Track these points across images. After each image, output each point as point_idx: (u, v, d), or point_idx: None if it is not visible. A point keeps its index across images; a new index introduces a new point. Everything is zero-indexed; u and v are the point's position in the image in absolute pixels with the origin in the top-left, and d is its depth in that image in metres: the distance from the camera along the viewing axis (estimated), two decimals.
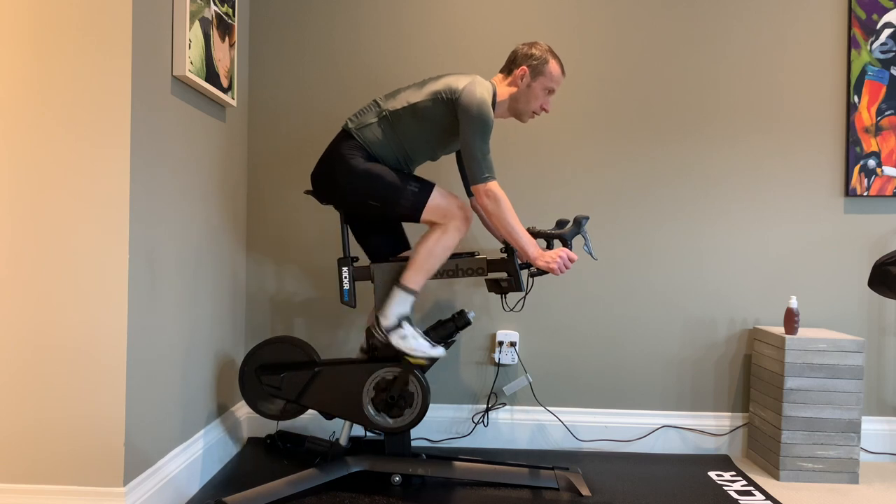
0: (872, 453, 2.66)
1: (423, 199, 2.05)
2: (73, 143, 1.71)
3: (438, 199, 2.07)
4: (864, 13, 2.63)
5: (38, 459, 1.73)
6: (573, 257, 2.07)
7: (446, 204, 2.07)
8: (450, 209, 2.07)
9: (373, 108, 2.13)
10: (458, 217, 2.07)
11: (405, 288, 2.08)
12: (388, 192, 2.05)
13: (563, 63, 2.20)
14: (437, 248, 2.07)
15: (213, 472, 2.30)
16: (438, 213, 2.07)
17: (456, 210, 2.08)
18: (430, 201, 2.06)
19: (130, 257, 1.73)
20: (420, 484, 2.23)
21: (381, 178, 2.05)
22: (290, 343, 2.26)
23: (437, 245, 2.06)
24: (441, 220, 2.07)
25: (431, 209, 2.06)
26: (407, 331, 2.09)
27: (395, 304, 2.09)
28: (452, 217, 2.07)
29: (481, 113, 1.99)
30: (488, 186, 2.01)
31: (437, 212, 2.07)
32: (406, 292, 2.08)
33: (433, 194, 2.07)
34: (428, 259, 2.07)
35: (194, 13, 2.01)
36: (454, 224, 2.07)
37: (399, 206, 2.05)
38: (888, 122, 2.64)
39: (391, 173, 2.07)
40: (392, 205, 2.06)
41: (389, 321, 2.09)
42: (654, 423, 2.68)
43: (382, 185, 2.05)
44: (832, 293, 2.68)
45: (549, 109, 2.23)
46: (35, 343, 1.72)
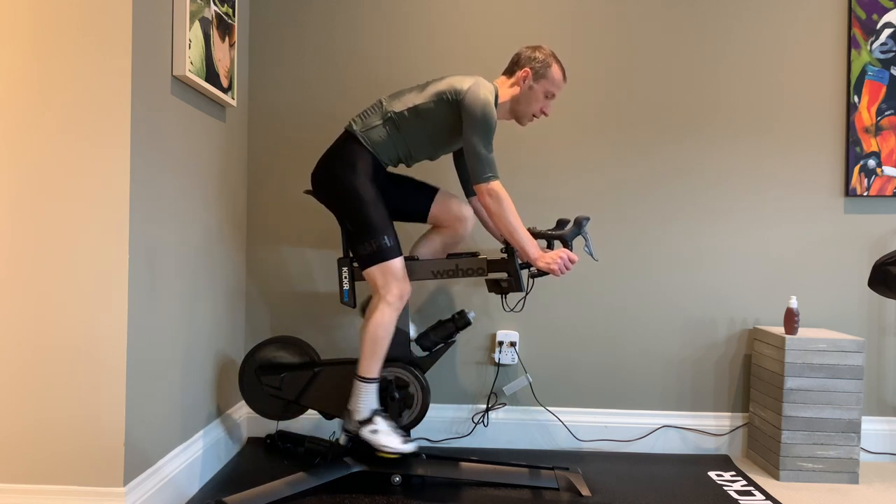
0: (872, 453, 2.66)
1: (383, 257, 2.04)
2: (73, 142, 1.70)
3: (394, 268, 2.05)
4: (864, 13, 2.63)
5: (38, 459, 1.73)
6: (574, 258, 2.07)
7: (393, 276, 2.05)
8: (395, 282, 2.05)
9: (377, 110, 2.13)
10: (392, 292, 2.05)
11: (364, 379, 2.08)
12: (362, 227, 2.05)
13: (564, 68, 2.20)
14: (379, 331, 2.05)
15: (213, 472, 2.30)
16: (384, 277, 2.05)
17: (400, 285, 2.06)
18: (386, 263, 2.04)
19: (130, 257, 1.73)
20: (420, 484, 2.23)
21: (366, 210, 2.04)
22: (290, 343, 2.26)
23: (378, 329, 2.05)
24: (380, 285, 2.05)
25: (382, 270, 2.05)
26: (379, 425, 2.07)
27: (361, 398, 2.09)
28: (389, 289, 2.05)
29: (485, 114, 1.99)
30: (491, 186, 2.01)
31: (384, 276, 2.05)
32: (366, 383, 2.08)
33: (393, 261, 2.05)
34: (375, 345, 2.06)
35: (194, 13, 2.01)
36: (388, 298, 2.05)
37: (361, 244, 2.05)
38: (888, 122, 2.64)
39: (379, 211, 2.05)
40: (357, 239, 2.06)
41: (361, 415, 2.08)
42: (654, 423, 2.68)
43: (363, 217, 2.04)
44: (832, 293, 2.68)
45: (548, 113, 2.23)
46: (35, 343, 1.71)
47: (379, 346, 2.07)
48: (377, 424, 2.07)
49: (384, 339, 2.07)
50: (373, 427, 2.07)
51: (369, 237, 2.04)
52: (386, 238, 2.05)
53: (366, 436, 2.07)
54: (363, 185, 2.06)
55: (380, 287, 2.06)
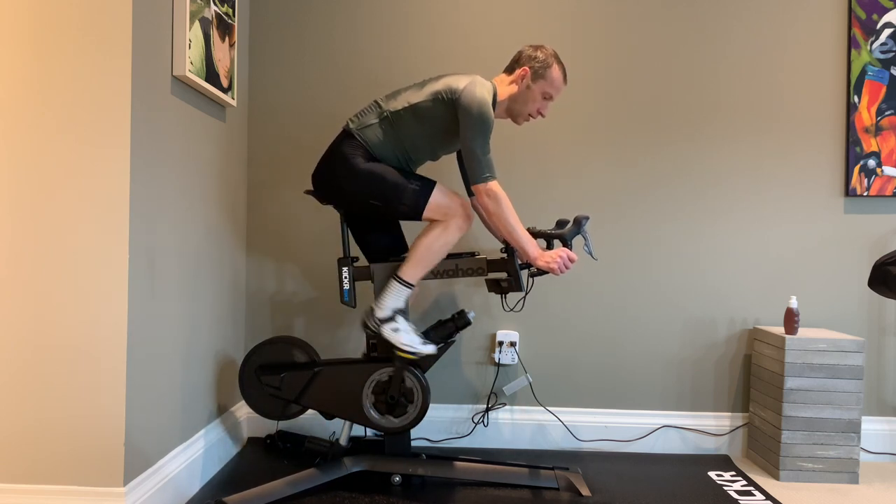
0: (872, 453, 2.66)
1: (424, 198, 2.05)
2: (73, 143, 1.70)
3: (440, 197, 2.07)
4: (864, 13, 2.63)
5: (38, 459, 1.73)
6: (573, 257, 2.07)
7: (448, 202, 2.07)
8: (451, 207, 2.07)
9: (374, 109, 2.13)
10: (459, 215, 2.07)
11: (402, 280, 2.08)
12: (389, 192, 2.05)
13: (566, 72, 2.19)
14: (436, 243, 2.06)
15: (213, 472, 2.30)
16: (440, 211, 2.07)
17: (458, 208, 2.07)
18: (431, 199, 2.06)
19: (130, 257, 1.73)
20: (420, 484, 2.23)
21: (383, 178, 2.05)
22: (290, 343, 2.26)
23: (437, 241, 2.06)
24: (442, 218, 2.07)
25: (433, 207, 2.06)
26: (400, 324, 2.08)
27: (390, 296, 2.09)
28: (454, 215, 2.07)
29: (482, 113, 1.99)
30: (489, 186, 2.01)
31: (439, 210, 2.06)
32: (402, 285, 2.08)
33: (434, 192, 2.06)
34: (427, 254, 2.07)
35: (194, 13, 2.01)
36: (455, 222, 2.07)
37: (401, 204, 2.05)
38: (888, 122, 2.64)
39: (393, 172, 2.07)
40: (394, 204, 2.05)
41: (384, 312, 2.08)
42: (654, 423, 2.68)
43: (384, 184, 2.05)
44: (832, 293, 2.68)
45: (545, 115, 2.22)
46: (35, 343, 1.71)
47: (432, 256, 2.07)
48: (398, 323, 2.08)
49: (438, 253, 2.08)
50: (394, 325, 2.08)
51: (400, 195, 2.04)
52: (411, 183, 2.05)
53: (387, 334, 2.07)
54: (364, 163, 2.07)
55: (443, 221, 2.07)
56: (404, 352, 2.09)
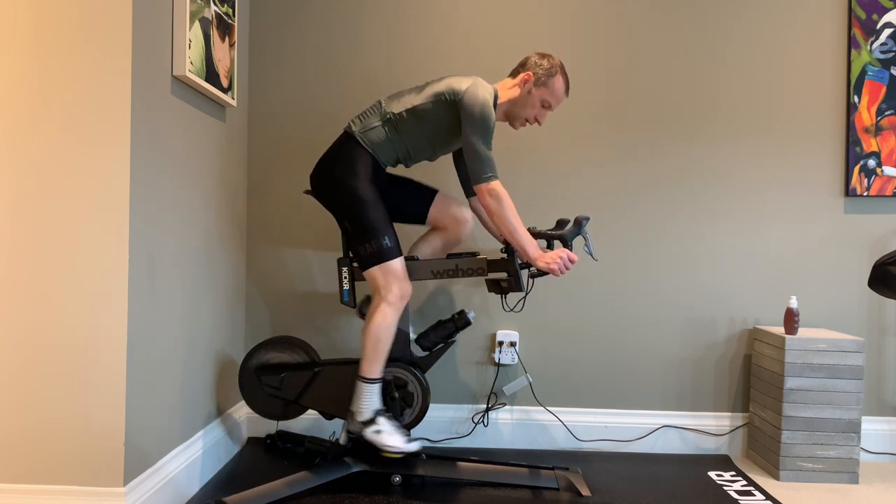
0: (872, 453, 2.66)
1: (384, 257, 2.04)
2: (73, 143, 1.70)
3: (397, 267, 2.06)
4: (864, 13, 2.63)
5: (38, 459, 1.73)
6: (573, 258, 2.07)
7: (397, 276, 2.06)
8: (396, 282, 2.05)
9: (376, 111, 2.13)
10: (394, 292, 2.05)
11: (365, 380, 2.08)
12: (362, 227, 2.04)
13: (569, 83, 2.19)
14: (380, 333, 2.05)
15: (213, 472, 2.30)
16: (385, 278, 2.05)
17: (402, 285, 2.06)
18: (387, 263, 2.04)
19: (130, 257, 1.73)
20: (420, 484, 2.23)
21: (365, 210, 2.04)
22: (290, 343, 2.26)
23: (379, 330, 2.05)
24: (381, 286, 2.05)
25: (384, 270, 2.04)
26: (382, 426, 2.07)
27: (364, 399, 2.08)
28: (390, 290, 2.05)
29: (483, 114, 1.99)
30: (491, 185, 2.01)
31: (385, 276, 2.05)
32: (369, 384, 2.08)
33: (395, 261, 2.06)
34: (377, 345, 2.06)
35: (194, 13, 2.01)
36: (389, 298, 2.05)
37: (362, 245, 2.05)
38: (888, 122, 2.64)
39: (379, 212, 2.05)
40: (358, 239, 2.05)
41: (364, 416, 2.08)
42: (654, 423, 2.68)
43: (363, 217, 2.04)
44: (832, 293, 2.68)
45: (542, 122, 2.22)
46: (35, 343, 1.71)
47: (381, 346, 2.07)
48: (380, 425, 2.07)
49: (386, 339, 2.07)
50: (376, 428, 2.06)
51: (369, 238, 2.04)
52: (386, 238, 2.05)
53: (369, 437, 2.07)
54: (362, 186, 2.06)
55: (381, 287, 2.06)
56: (389, 453, 2.10)
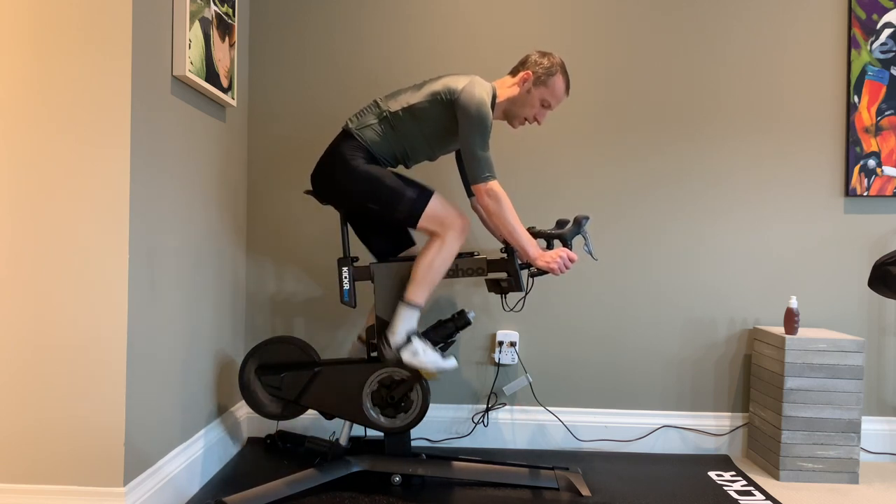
0: (872, 453, 2.66)
1: (420, 206, 2.04)
2: (73, 143, 1.70)
3: (437, 207, 2.06)
4: (864, 13, 2.63)
5: (38, 459, 1.73)
6: (573, 257, 2.07)
7: (444, 213, 2.06)
8: (447, 218, 2.06)
9: (373, 109, 2.13)
10: (455, 227, 2.06)
11: (409, 304, 2.08)
12: (386, 196, 2.04)
13: (569, 83, 2.19)
14: (436, 260, 2.05)
15: (213, 472, 2.30)
16: (436, 221, 2.05)
17: (454, 219, 2.06)
18: (427, 209, 2.05)
19: (130, 257, 1.73)
20: (420, 484, 2.23)
21: (382, 182, 2.04)
22: (290, 343, 2.26)
23: (436, 257, 2.05)
24: (438, 229, 2.06)
25: (429, 217, 2.05)
26: (417, 346, 2.07)
27: (401, 321, 2.08)
28: (450, 227, 2.05)
29: (480, 113, 1.99)
30: (489, 186, 2.01)
31: (435, 220, 2.05)
32: (411, 308, 2.08)
33: (431, 202, 2.05)
34: (429, 272, 2.06)
35: (194, 13, 2.01)
36: (451, 234, 2.05)
37: (397, 211, 2.05)
38: (888, 122, 2.64)
39: (392, 177, 2.06)
40: (390, 208, 2.05)
41: (398, 337, 2.08)
42: (654, 423, 2.68)
43: (382, 188, 2.04)
44: (832, 293, 2.68)
45: (541, 122, 2.22)
46: (35, 343, 1.72)
47: (433, 275, 2.06)
48: (415, 344, 2.07)
49: (440, 269, 2.06)
50: (411, 348, 2.07)
51: (397, 201, 2.04)
52: (410, 190, 2.04)
53: (407, 358, 2.07)
54: (366, 166, 2.06)
55: (439, 232, 2.06)
56: (428, 371, 2.10)
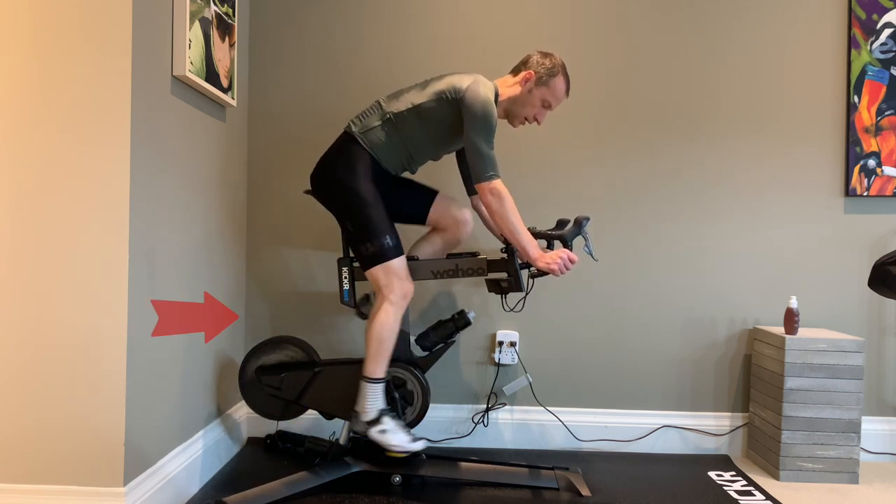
0: (872, 453, 2.66)
1: (385, 257, 2.04)
2: (73, 143, 1.70)
3: (398, 267, 2.05)
4: (864, 13, 2.63)
5: (38, 459, 1.73)
6: (574, 258, 2.07)
7: (400, 275, 2.06)
8: (398, 281, 2.05)
9: (376, 111, 2.13)
10: (400, 291, 2.05)
11: (369, 380, 2.08)
12: (363, 227, 2.04)
13: (570, 84, 2.19)
14: (383, 332, 2.05)
15: (213, 472, 2.30)
16: (388, 278, 2.05)
17: (404, 283, 2.06)
18: (389, 263, 2.04)
19: (130, 257, 1.73)
20: (420, 484, 2.23)
21: (367, 211, 2.04)
22: (290, 343, 2.26)
23: (382, 330, 2.05)
24: (382, 285, 2.05)
25: (386, 270, 2.04)
26: (387, 425, 2.07)
27: (368, 399, 2.08)
28: (396, 289, 2.05)
29: (485, 112, 1.99)
30: (493, 184, 2.01)
31: (388, 276, 2.05)
32: (373, 383, 2.08)
33: (396, 260, 2.05)
34: (380, 346, 2.06)
35: (194, 13, 2.01)
36: (391, 297, 2.05)
37: (363, 245, 2.05)
38: (888, 122, 2.64)
39: (379, 212, 2.05)
40: (359, 240, 2.05)
41: (369, 416, 2.08)
42: (655, 423, 2.68)
43: (364, 217, 2.04)
44: (832, 293, 2.68)
45: (541, 122, 2.22)
46: (35, 343, 1.71)
47: (384, 346, 2.06)
48: (385, 424, 2.07)
49: (389, 339, 2.07)
50: (381, 427, 2.06)
51: (370, 238, 2.04)
52: (387, 238, 2.04)
53: (375, 436, 2.07)
54: (363, 185, 2.06)
55: (383, 287, 2.06)
56: (394, 452, 2.11)
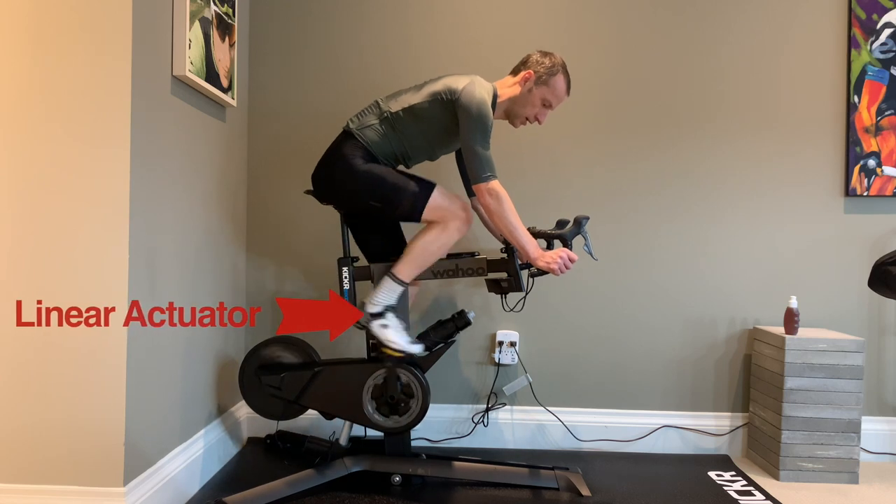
0: (872, 453, 2.65)
1: (423, 199, 2.04)
2: (74, 143, 1.70)
3: (440, 199, 2.06)
4: (864, 13, 2.63)
5: (38, 459, 1.73)
6: (573, 257, 2.07)
7: (448, 204, 2.06)
8: (451, 209, 2.06)
9: (374, 110, 2.13)
10: (459, 218, 2.06)
11: (395, 278, 2.08)
12: (388, 193, 2.04)
13: (570, 83, 2.20)
14: (434, 244, 2.06)
15: (213, 472, 2.30)
16: (439, 213, 2.06)
17: (458, 210, 2.07)
18: (430, 201, 2.05)
19: (130, 257, 1.73)
20: (420, 484, 2.23)
21: (383, 179, 2.05)
22: (290, 343, 2.26)
23: (434, 241, 2.06)
24: (441, 221, 2.06)
25: (432, 209, 2.05)
26: (390, 321, 2.08)
27: (383, 292, 2.09)
28: (454, 217, 2.06)
29: (481, 112, 1.99)
30: (490, 185, 2.01)
31: (438, 212, 2.06)
32: (395, 282, 2.08)
33: (434, 194, 2.06)
34: (422, 253, 2.06)
35: (194, 13, 2.01)
36: (454, 224, 2.06)
37: (400, 206, 2.05)
38: (888, 122, 2.64)
39: (392, 173, 2.06)
40: (393, 205, 2.05)
41: (375, 308, 2.09)
42: (655, 423, 2.68)
43: (383, 185, 2.04)
44: (832, 293, 2.68)
45: (542, 122, 2.22)
46: (35, 343, 1.71)
47: (426, 258, 2.07)
48: (388, 320, 2.08)
49: (435, 254, 2.07)
50: (383, 322, 2.08)
51: (399, 196, 2.04)
52: (412, 184, 2.04)
53: (375, 330, 2.08)
54: (364, 164, 2.06)
55: (442, 222, 2.06)
56: (391, 349, 2.10)
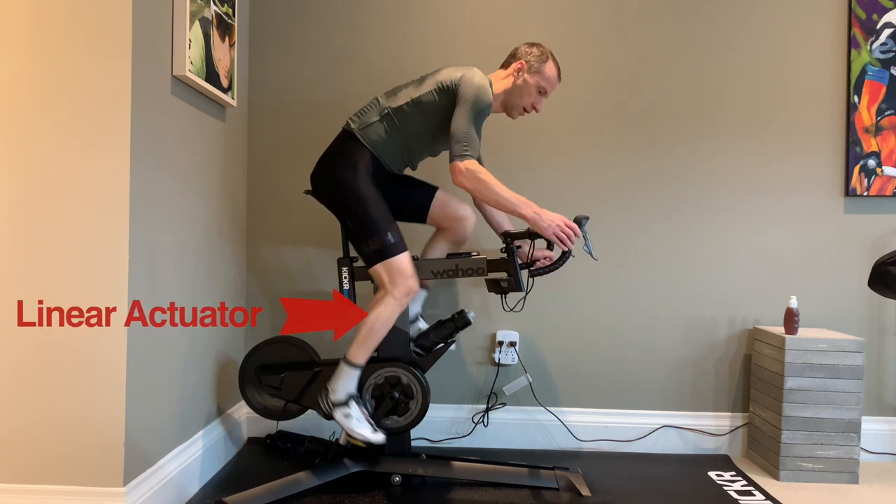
0: (872, 453, 2.65)
1: (388, 254, 2.03)
2: (74, 143, 1.70)
3: (402, 263, 2.04)
4: (864, 13, 2.63)
5: (38, 459, 1.73)
6: (574, 227, 2.03)
7: (404, 272, 2.04)
8: (402, 278, 2.04)
9: (374, 107, 2.13)
10: (399, 288, 2.04)
11: (351, 364, 2.08)
12: (365, 225, 2.04)
13: (560, 69, 2.23)
14: (377, 323, 2.05)
15: (213, 472, 2.30)
16: (391, 274, 2.04)
17: (408, 280, 2.05)
18: (392, 260, 2.03)
19: (130, 257, 1.73)
20: (420, 484, 2.23)
21: (368, 208, 2.03)
22: (290, 343, 2.26)
23: (377, 320, 2.05)
24: (386, 282, 2.05)
25: (388, 268, 2.04)
26: (353, 410, 2.07)
27: (342, 380, 2.08)
28: (395, 285, 2.04)
29: (478, 95, 2.00)
30: (464, 164, 1.98)
31: (391, 273, 2.04)
32: (352, 367, 2.08)
33: (400, 256, 2.04)
34: (370, 335, 2.06)
35: (194, 13, 2.01)
36: (399, 292, 2.04)
37: (364, 242, 2.04)
38: (888, 122, 2.64)
39: (380, 209, 2.05)
40: (362, 238, 2.05)
41: (338, 396, 2.08)
42: (655, 423, 2.68)
43: (365, 215, 2.03)
44: (832, 293, 2.68)
45: (539, 110, 2.23)
46: (36, 343, 1.71)
47: (375, 337, 2.07)
48: (351, 409, 2.07)
49: (381, 331, 2.07)
50: (346, 411, 2.07)
51: (372, 235, 2.03)
52: (389, 234, 2.04)
53: (338, 418, 2.08)
54: (363, 183, 2.06)
55: (386, 284, 2.05)
56: (353, 439, 2.11)
